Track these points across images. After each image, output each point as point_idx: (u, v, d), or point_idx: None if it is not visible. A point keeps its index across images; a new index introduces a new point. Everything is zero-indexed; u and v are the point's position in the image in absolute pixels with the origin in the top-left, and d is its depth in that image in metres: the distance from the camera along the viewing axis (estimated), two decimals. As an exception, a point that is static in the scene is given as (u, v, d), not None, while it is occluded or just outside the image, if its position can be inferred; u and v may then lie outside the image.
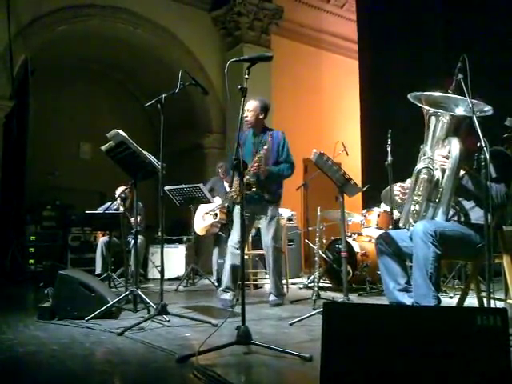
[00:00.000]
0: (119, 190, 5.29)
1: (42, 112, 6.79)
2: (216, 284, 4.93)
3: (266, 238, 3.67)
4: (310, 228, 5.13)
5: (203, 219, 5.05)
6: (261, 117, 3.64)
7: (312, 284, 4.48)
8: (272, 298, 3.66)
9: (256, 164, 3.40)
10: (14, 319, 2.89)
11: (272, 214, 3.66)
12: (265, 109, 3.66)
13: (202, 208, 5.03)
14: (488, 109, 2.29)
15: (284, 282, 4.76)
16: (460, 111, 2.33)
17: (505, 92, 4.65)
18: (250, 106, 3.59)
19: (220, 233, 5.05)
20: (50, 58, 6.94)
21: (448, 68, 2.38)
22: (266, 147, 3.42)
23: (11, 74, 5.71)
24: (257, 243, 5.34)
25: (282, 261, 3.87)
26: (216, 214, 4.77)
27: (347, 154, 4.75)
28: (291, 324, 2.74)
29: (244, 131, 3.75)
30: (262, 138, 3.63)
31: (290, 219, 5.83)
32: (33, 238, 6.34)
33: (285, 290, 4.15)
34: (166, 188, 4.66)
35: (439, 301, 2.21)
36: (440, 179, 2.30)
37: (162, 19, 6.96)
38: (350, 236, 4.90)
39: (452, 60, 2.29)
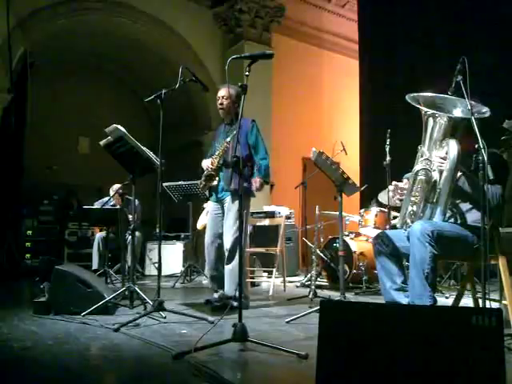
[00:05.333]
0: (114, 189, 5.28)
1: (41, 106, 6.77)
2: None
3: (228, 235, 3.35)
4: (308, 226, 5.14)
5: (206, 215, 5.11)
6: (235, 105, 3.43)
7: (309, 282, 4.49)
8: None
9: (215, 157, 3.34)
10: (9, 314, 2.88)
11: (229, 208, 3.39)
12: (238, 97, 3.43)
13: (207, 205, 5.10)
14: (485, 110, 2.30)
15: (281, 279, 4.79)
16: (457, 113, 2.33)
17: (503, 94, 4.66)
18: (226, 93, 3.43)
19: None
20: (50, 51, 6.92)
21: (449, 69, 2.38)
22: (228, 139, 3.28)
23: (10, 67, 5.68)
24: (255, 240, 5.35)
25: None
26: None
27: (346, 154, 4.76)
28: (288, 322, 2.75)
29: (219, 127, 3.71)
30: (231, 128, 3.45)
31: (288, 217, 5.84)
32: (29, 232, 6.33)
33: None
34: (165, 184, 4.67)
35: (435, 301, 2.23)
36: (438, 180, 2.31)
37: (163, 14, 6.94)
38: (348, 235, 4.91)
39: (453, 61, 2.30)
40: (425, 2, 6.05)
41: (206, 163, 3.46)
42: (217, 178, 3.41)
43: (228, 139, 3.28)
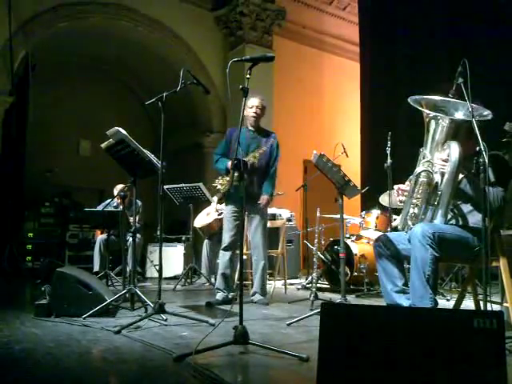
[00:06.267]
0: (118, 188, 5.30)
1: (42, 108, 6.78)
2: (210, 281, 4.98)
3: (256, 237, 3.69)
4: (309, 229, 5.14)
5: (207, 215, 5.13)
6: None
7: (310, 285, 4.49)
8: (258, 297, 3.68)
9: (249, 159, 3.52)
10: (10, 316, 2.89)
11: (262, 213, 3.69)
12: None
13: (212, 207, 5.12)
14: (487, 113, 2.30)
15: (282, 282, 4.78)
16: (459, 115, 2.34)
17: (505, 96, 4.66)
18: (260, 104, 3.68)
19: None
20: (51, 54, 6.95)
21: (450, 71, 2.39)
22: (264, 149, 3.59)
23: (11, 70, 5.70)
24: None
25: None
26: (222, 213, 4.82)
27: (347, 156, 4.76)
28: (289, 324, 2.74)
29: (235, 129, 3.81)
30: (259, 136, 3.72)
31: (289, 220, 5.84)
32: (30, 234, 6.33)
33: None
34: (166, 187, 4.67)
35: (436, 303, 2.22)
36: (439, 182, 2.30)
37: (164, 17, 6.97)
38: (349, 237, 4.91)
39: (454, 63, 2.30)
40: (425, 4, 6.06)
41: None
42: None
43: (264, 148, 3.60)
